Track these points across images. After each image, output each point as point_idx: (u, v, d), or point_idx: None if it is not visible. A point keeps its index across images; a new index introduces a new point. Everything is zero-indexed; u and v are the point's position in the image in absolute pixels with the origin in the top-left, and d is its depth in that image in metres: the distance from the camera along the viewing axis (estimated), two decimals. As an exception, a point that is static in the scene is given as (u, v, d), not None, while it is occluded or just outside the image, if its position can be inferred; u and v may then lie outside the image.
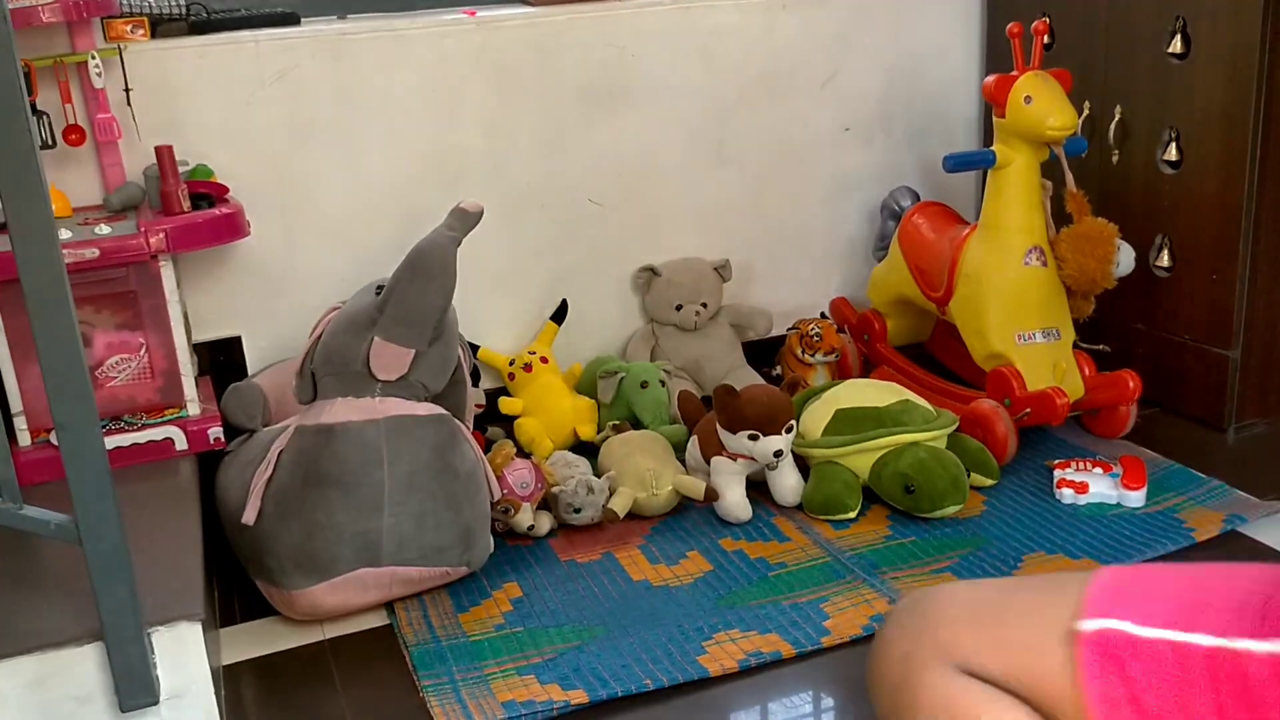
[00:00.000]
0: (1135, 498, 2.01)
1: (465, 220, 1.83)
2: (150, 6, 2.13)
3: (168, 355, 1.98)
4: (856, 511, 2.04)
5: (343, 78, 2.23)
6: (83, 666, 1.41)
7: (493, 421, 2.39)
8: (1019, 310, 2.20)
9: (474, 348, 2.41)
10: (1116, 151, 2.38)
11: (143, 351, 1.99)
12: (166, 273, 1.93)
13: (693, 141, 2.54)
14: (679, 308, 2.51)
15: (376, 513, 1.74)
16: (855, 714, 1.58)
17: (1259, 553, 1.86)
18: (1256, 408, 2.29)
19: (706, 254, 2.58)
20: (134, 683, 1.41)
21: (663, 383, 2.37)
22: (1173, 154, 2.27)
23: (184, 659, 1.47)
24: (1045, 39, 2.22)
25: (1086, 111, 2.41)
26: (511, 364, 2.42)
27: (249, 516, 1.76)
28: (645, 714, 1.57)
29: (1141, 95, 2.31)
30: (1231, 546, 1.88)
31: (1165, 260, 2.33)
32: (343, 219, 2.29)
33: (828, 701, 1.60)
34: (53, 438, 1.85)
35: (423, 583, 1.83)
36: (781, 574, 1.88)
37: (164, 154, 1.94)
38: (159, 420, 1.97)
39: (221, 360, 2.25)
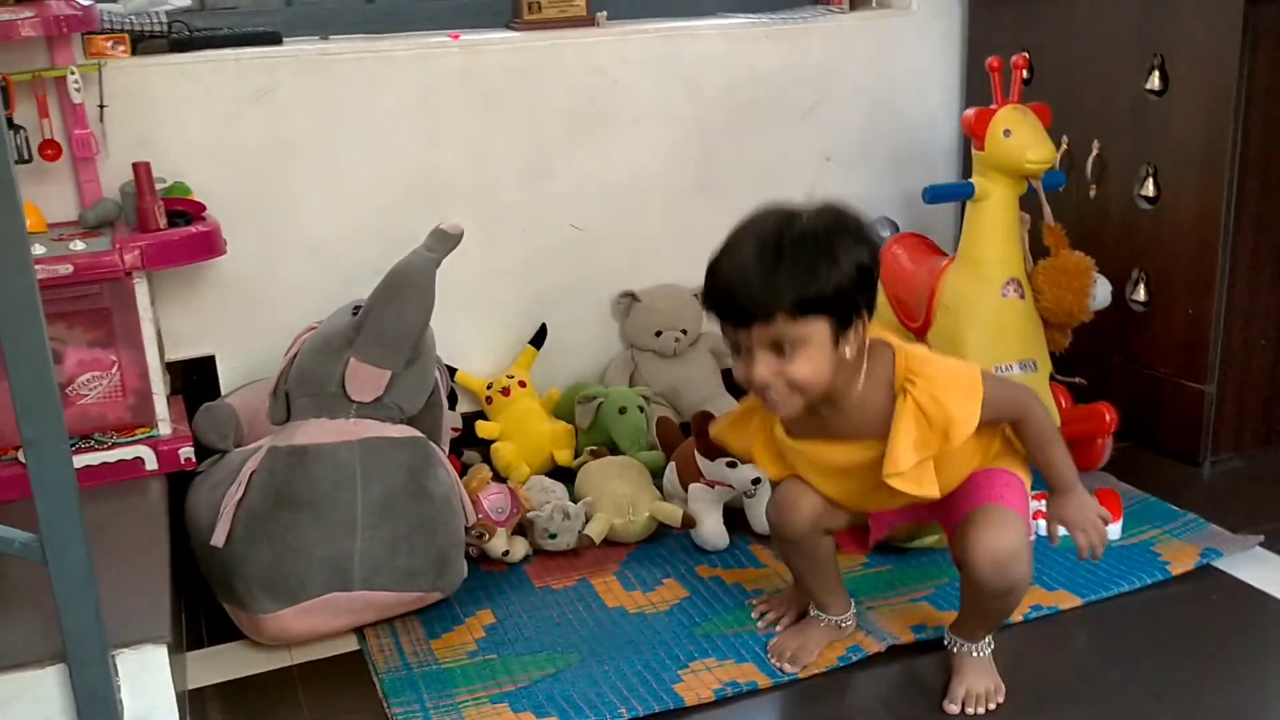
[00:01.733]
0: (1113, 530, 2.01)
1: (445, 242, 1.82)
2: (132, 23, 2.12)
3: (140, 373, 1.96)
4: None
5: (324, 98, 2.22)
6: (44, 689, 1.38)
7: (469, 445, 2.37)
8: (996, 342, 2.21)
9: (451, 371, 2.39)
10: (1094, 186, 2.40)
11: (114, 369, 1.97)
12: (140, 290, 1.91)
13: (675, 168, 2.54)
14: (658, 334, 2.51)
15: (349, 536, 1.72)
16: (830, 746, 1.57)
17: (1234, 589, 1.86)
18: (1232, 442, 2.30)
19: (687, 281, 2.58)
20: (96, 706, 1.38)
21: (641, 409, 2.36)
22: (1150, 189, 2.29)
23: (148, 682, 1.44)
24: (1024, 73, 2.24)
25: (1065, 146, 2.43)
26: (489, 387, 2.40)
27: (218, 538, 1.73)
28: (618, 744, 1.56)
29: (1120, 131, 2.33)
30: (1206, 581, 1.88)
31: (1142, 294, 2.34)
32: (321, 239, 2.28)
33: (803, 733, 1.59)
34: (20, 455, 1.82)
35: (394, 608, 1.81)
36: (759, 595, 1.87)
37: (141, 170, 1.92)
38: (129, 439, 1.94)
39: (194, 379, 2.23)
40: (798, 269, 1.36)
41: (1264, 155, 2.16)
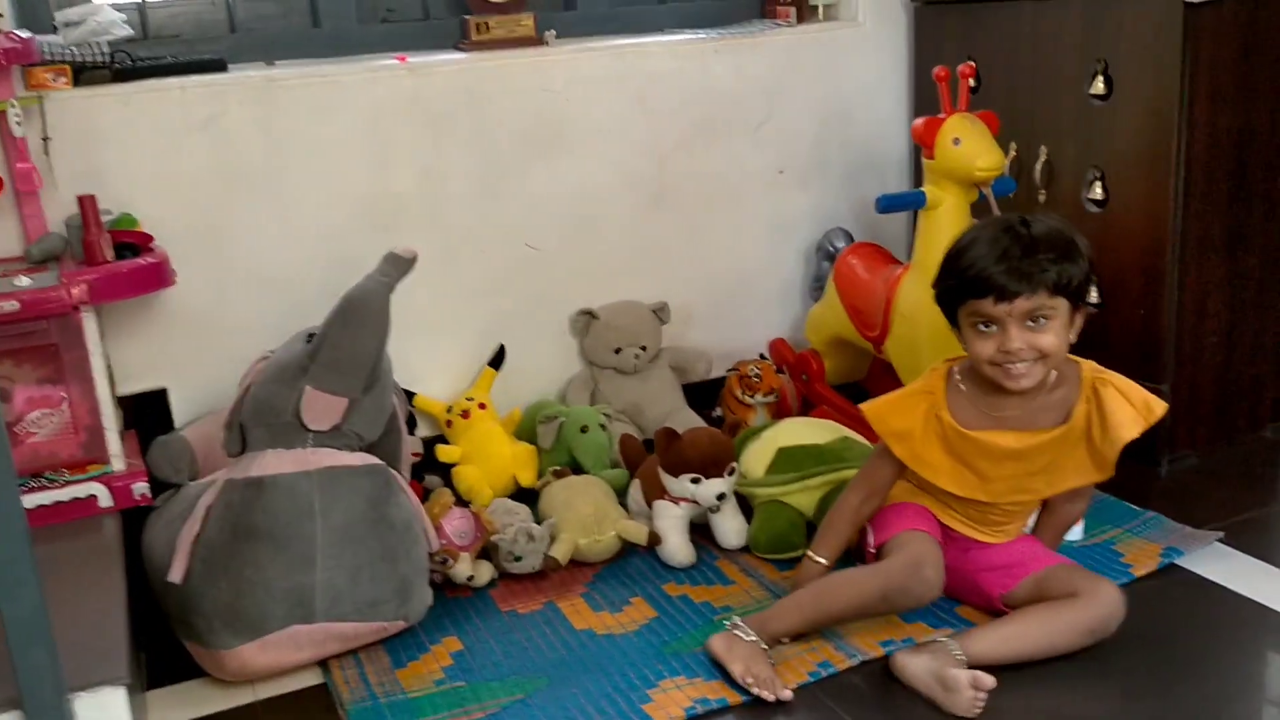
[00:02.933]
0: (1074, 531, 2.02)
1: (399, 266, 1.80)
2: (73, 54, 2.09)
3: (91, 409, 1.92)
4: (803, 549, 2.02)
5: (272, 124, 2.20)
6: (-1, 737, 1.35)
7: (430, 470, 2.35)
8: (953, 348, 2.21)
9: (409, 395, 2.37)
10: (1043, 191, 2.43)
11: (64, 406, 1.93)
12: (89, 324, 1.87)
13: (629, 185, 2.54)
14: (618, 351, 2.50)
15: (309, 567, 1.69)
16: (803, 760, 1.57)
17: (1196, 585, 1.87)
18: (1188, 440, 2.33)
19: (644, 297, 2.58)
20: (54, 753, 1.35)
21: (603, 427, 2.35)
22: (1098, 193, 2.32)
23: (108, 726, 1.41)
24: (971, 82, 2.27)
25: (1013, 153, 2.45)
26: (449, 411, 2.38)
27: (176, 574, 1.70)
28: (590, 767, 1.54)
29: (1066, 136, 2.36)
30: (1169, 578, 1.90)
31: (1094, 297, 2.37)
32: (273, 267, 2.25)
33: (775, 748, 1.58)
34: (-32, 497, 1.78)
35: (358, 639, 1.78)
36: (727, 618, 1.85)
37: (86, 203, 1.89)
38: (82, 477, 1.90)
39: (147, 413, 2.19)
40: (1054, 254, 1.60)
41: (1208, 155, 2.19)
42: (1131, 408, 1.68)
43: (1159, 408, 1.69)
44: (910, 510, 1.79)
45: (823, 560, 1.82)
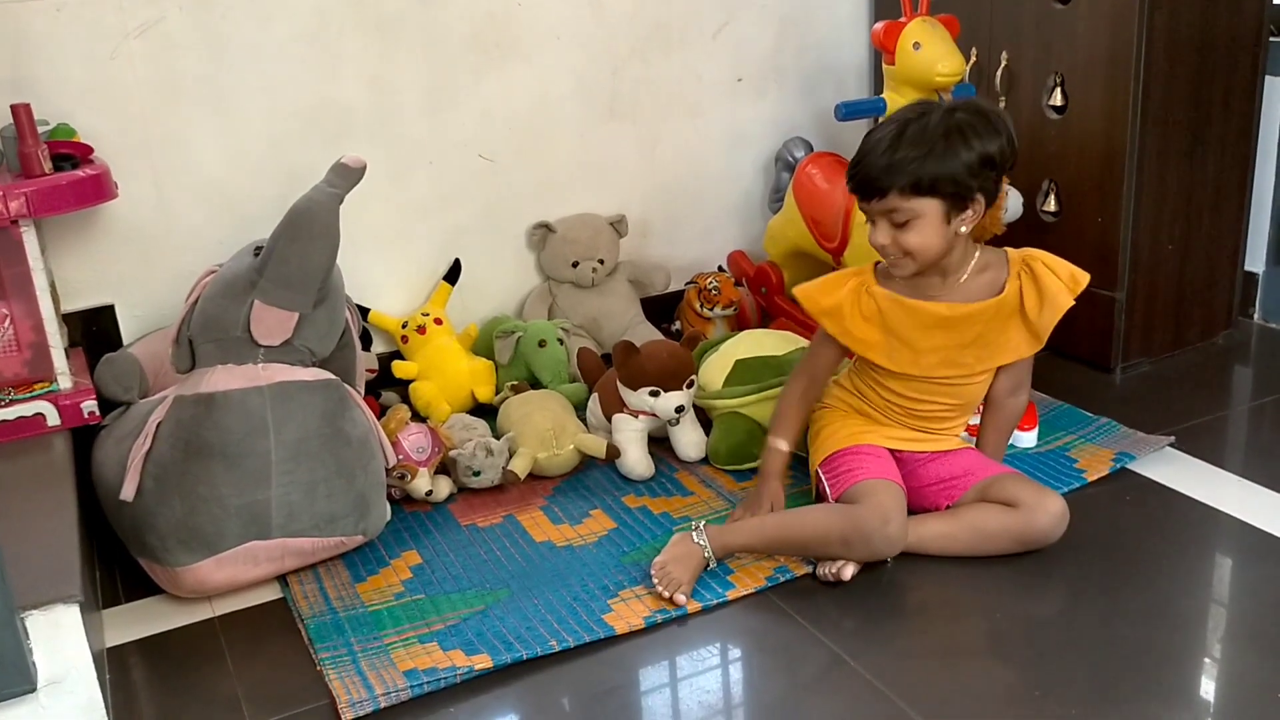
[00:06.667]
0: (1027, 438, 2.05)
1: (347, 176, 1.75)
2: (-1, -45, 2.00)
3: (35, 326, 1.87)
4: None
5: (214, 29, 2.13)
6: (-50, 657, 1.33)
7: (387, 386, 2.33)
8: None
9: (364, 311, 2.34)
10: (1004, 97, 2.40)
11: (7, 323, 1.88)
12: (29, 239, 1.82)
13: (585, 94, 2.49)
14: (575, 265, 2.47)
15: (264, 483, 1.67)
16: (759, 665, 1.58)
17: (1147, 488, 1.90)
18: (1141, 347, 2.35)
19: (601, 209, 2.54)
20: (8, 670, 1.33)
21: (561, 341, 2.34)
22: (1058, 99, 2.30)
23: (62, 643, 1.39)
24: (933, -15, 2.23)
25: (974, 58, 2.42)
26: (404, 326, 2.35)
27: (127, 492, 1.68)
28: (552, 675, 1.55)
29: (1027, 41, 2.33)
30: (1121, 483, 1.93)
31: (1052, 205, 2.36)
32: (219, 178, 2.19)
33: (734, 653, 1.60)
34: (-90, 418, 1.74)
35: (316, 554, 1.77)
36: (685, 528, 1.87)
37: (21, 113, 1.82)
38: (28, 395, 1.87)
39: (94, 330, 2.15)
40: (914, 154, 1.58)
41: (1168, 61, 2.17)
42: (1059, 280, 1.70)
43: (1083, 278, 1.71)
44: (866, 456, 1.77)
45: (783, 445, 1.83)
